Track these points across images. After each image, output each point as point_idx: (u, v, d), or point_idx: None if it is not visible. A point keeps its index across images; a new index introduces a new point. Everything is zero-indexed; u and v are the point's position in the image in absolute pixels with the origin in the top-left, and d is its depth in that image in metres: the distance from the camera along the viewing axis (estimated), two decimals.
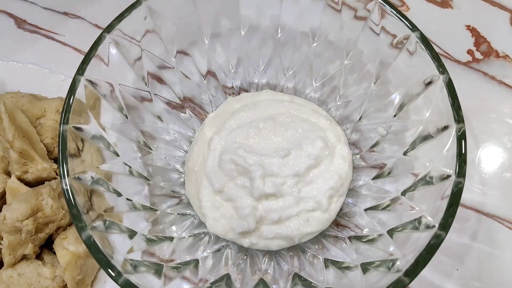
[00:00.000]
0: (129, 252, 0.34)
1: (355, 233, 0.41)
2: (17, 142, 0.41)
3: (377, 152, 0.43)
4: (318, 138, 0.42)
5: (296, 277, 0.38)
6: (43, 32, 0.56)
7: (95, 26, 0.56)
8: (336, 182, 0.41)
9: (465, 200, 0.47)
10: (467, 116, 0.32)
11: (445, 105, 0.33)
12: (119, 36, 0.37)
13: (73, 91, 0.34)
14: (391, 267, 0.33)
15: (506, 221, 0.46)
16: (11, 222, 0.38)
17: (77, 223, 0.31)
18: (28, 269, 0.41)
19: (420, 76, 0.36)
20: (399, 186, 0.39)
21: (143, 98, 0.42)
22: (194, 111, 0.48)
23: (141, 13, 0.37)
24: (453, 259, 0.45)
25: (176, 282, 0.36)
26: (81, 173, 0.34)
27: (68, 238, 0.41)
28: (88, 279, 0.42)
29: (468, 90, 0.50)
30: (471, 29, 0.54)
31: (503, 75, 0.51)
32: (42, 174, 0.43)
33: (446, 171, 0.33)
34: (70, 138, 0.34)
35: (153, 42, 0.40)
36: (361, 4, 0.37)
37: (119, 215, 0.37)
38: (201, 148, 0.45)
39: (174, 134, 0.46)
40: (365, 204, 0.42)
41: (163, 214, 0.42)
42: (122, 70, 0.39)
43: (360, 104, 0.44)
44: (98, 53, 0.36)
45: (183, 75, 0.45)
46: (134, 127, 0.41)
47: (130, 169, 0.40)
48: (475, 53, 0.53)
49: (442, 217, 0.31)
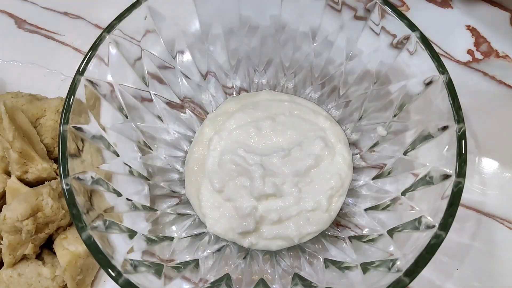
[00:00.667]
0: (129, 252, 0.34)
1: (355, 233, 0.41)
2: (17, 142, 0.41)
3: (377, 152, 0.43)
4: (318, 138, 0.42)
5: (296, 277, 0.38)
6: (43, 32, 0.56)
7: (95, 26, 0.56)
8: (336, 182, 0.41)
9: (465, 200, 0.47)
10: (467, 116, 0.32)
11: (445, 105, 0.33)
12: (119, 36, 0.37)
13: (73, 91, 0.34)
14: (391, 267, 0.33)
15: (506, 221, 0.46)
16: (11, 222, 0.38)
17: (77, 223, 0.31)
18: (28, 269, 0.41)
19: (420, 76, 0.36)
20: (399, 186, 0.39)
21: (143, 98, 0.42)
22: (194, 111, 0.48)
23: (141, 13, 0.37)
24: (453, 259, 0.45)
25: (176, 282, 0.36)
26: (81, 173, 0.34)
27: (68, 238, 0.41)
28: (88, 279, 0.42)
29: (468, 90, 0.50)
30: (471, 29, 0.54)
31: (503, 75, 0.51)
32: (42, 174, 0.43)
33: (446, 171, 0.33)
34: (70, 138, 0.34)
35: (153, 42, 0.40)
36: (361, 4, 0.37)
37: (119, 215, 0.37)
38: (201, 148, 0.45)
39: (174, 134, 0.46)
40: (365, 204, 0.42)
41: (163, 214, 0.42)
42: (122, 70, 0.39)
43: (360, 104, 0.44)
44: (98, 53, 0.36)
45: (183, 75, 0.45)
46: (134, 127, 0.41)
47: (130, 169, 0.40)
48: (475, 53, 0.53)
49: (442, 217, 0.31)
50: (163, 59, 0.42)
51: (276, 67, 0.47)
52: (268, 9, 0.42)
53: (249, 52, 0.46)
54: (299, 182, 0.41)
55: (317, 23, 0.42)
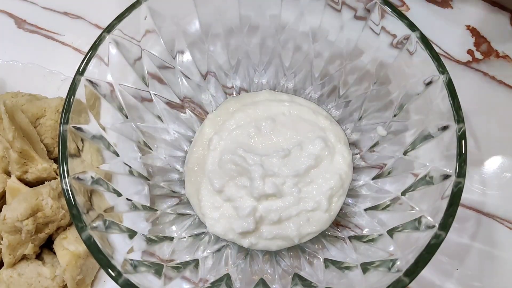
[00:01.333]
0: (129, 252, 0.34)
1: (355, 233, 0.41)
2: (17, 142, 0.41)
3: (377, 152, 0.43)
4: (318, 138, 0.42)
5: (296, 277, 0.38)
6: (43, 32, 0.56)
7: (95, 26, 0.56)
8: (336, 182, 0.41)
9: (465, 200, 0.47)
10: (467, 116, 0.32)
11: (445, 105, 0.33)
12: (119, 36, 0.37)
13: (73, 91, 0.34)
14: (391, 267, 0.33)
15: (506, 221, 0.46)
16: (11, 222, 0.38)
17: (77, 223, 0.31)
18: (28, 269, 0.41)
19: (420, 76, 0.36)
20: (399, 186, 0.39)
21: (143, 98, 0.42)
22: (194, 111, 0.48)
23: (141, 13, 0.37)
24: (453, 259, 0.45)
25: (176, 282, 0.36)
26: (81, 173, 0.34)
27: (68, 238, 0.41)
28: (88, 279, 0.42)
29: (468, 90, 0.50)
30: (471, 29, 0.54)
31: (503, 75, 0.51)
32: (42, 174, 0.43)
33: (446, 171, 0.33)
34: (70, 138, 0.34)
35: (153, 42, 0.40)
36: (361, 4, 0.37)
37: (119, 215, 0.37)
38: (201, 148, 0.45)
39: (174, 134, 0.46)
40: (365, 204, 0.42)
41: (163, 214, 0.42)
42: (122, 70, 0.39)
43: (360, 104, 0.44)
44: (98, 53, 0.36)
45: (183, 75, 0.45)
46: (134, 127, 0.41)
47: (130, 169, 0.40)
48: (475, 53, 0.52)
49: (442, 217, 0.31)
50: (163, 59, 0.42)
51: (276, 67, 0.47)
52: (268, 9, 0.42)
53: (249, 52, 0.46)
54: (299, 182, 0.41)
55: (317, 23, 0.42)
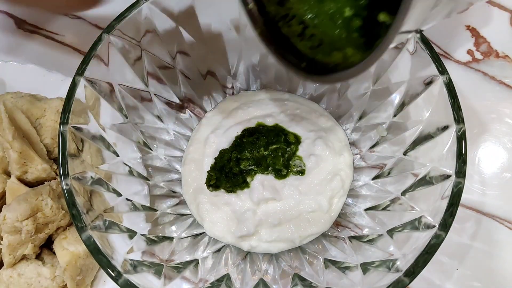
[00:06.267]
0: (129, 252, 0.34)
1: (355, 233, 0.41)
2: (17, 142, 0.41)
3: (377, 152, 0.43)
4: (319, 138, 0.42)
5: (296, 277, 0.38)
6: (43, 32, 0.56)
7: (95, 26, 0.56)
8: (336, 183, 0.41)
9: (465, 200, 0.47)
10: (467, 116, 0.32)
11: (445, 105, 0.33)
12: (119, 36, 0.37)
13: (73, 91, 0.34)
14: (391, 267, 0.33)
15: (506, 221, 0.46)
16: (11, 222, 0.38)
17: (77, 223, 0.31)
18: (28, 269, 0.41)
19: (420, 76, 0.36)
20: (399, 186, 0.39)
21: (143, 98, 0.42)
22: (194, 111, 0.47)
23: (141, 13, 0.37)
24: (453, 259, 0.45)
25: (176, 282, 0.36)
26: (81, 173, 0.34)
27: (68, 238, 0.41)
28: (88, 279, 0.42)
29: (468, 90, 0.50)
30: (471, 29, 0.54)
31: (503, 75, 0.51)
32: (42, 174, 0.43)
33: (446, 171, 0.33)
34: (70, 138, 0.34)
35: (153, 42, 0.40)
36: None
37: (119, 215, 0.37)
38: (197, 147, 0.44)
39: (174, 134, 0.46)
40: (365, 204, 0.42)
41: (163, 214, 0.42)
42: (122, 70, 0.39)
43: (360, 104, 0.44)
44: (98, 53, 0.36)
45: (183, 75, 0.45)
46: (134, 127, 0.41)
47: (130, 169, 0.40)
48: (475, 53, 0.52)
49: (442, 217, 0.31)
50: (163, 59, 0.42)
51: (277, 67, 0.47)
52: None
53: (249, 52, 0.46)
54: (299, 183, 0.41)
55: None
